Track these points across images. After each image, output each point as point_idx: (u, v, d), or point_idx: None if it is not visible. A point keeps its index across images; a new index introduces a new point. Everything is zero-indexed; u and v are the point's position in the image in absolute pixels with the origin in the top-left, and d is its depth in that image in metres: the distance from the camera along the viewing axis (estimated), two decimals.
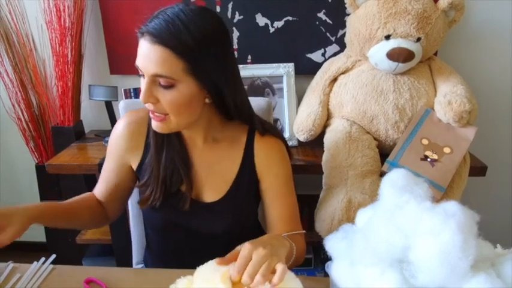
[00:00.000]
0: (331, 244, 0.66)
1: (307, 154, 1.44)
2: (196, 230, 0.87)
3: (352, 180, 1.24)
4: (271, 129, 0.92)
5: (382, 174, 1.28)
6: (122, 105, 1.14)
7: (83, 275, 0.80)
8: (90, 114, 1.76)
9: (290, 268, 0.66)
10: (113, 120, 1.69)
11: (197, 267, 0.71)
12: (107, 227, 1.57)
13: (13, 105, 1.68)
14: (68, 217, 0.85)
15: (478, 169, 1.35)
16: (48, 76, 1.68)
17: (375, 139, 1.33)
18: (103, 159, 1.39)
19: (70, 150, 1.54)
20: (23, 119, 1.70)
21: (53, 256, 0.85)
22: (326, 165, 1.30)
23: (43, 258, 0.84)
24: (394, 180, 0.60)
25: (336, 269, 0.63)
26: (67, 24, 1.52)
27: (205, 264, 0.70)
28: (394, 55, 1.26)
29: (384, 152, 1.32)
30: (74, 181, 1.70)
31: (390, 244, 0.52)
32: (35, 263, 0.84)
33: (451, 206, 0.52)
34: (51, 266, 0.84)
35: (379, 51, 1.29)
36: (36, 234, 1.94)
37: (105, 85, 1.62)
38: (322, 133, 1.40)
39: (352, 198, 1.21)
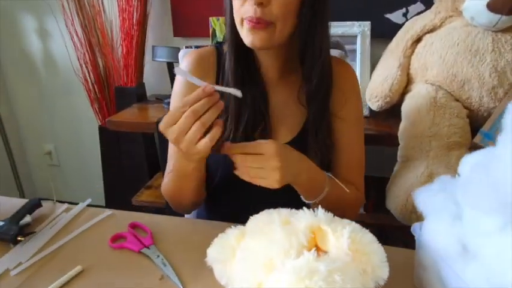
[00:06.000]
0: (424, 198, 0.52)
1: (379, 125, 1.28)
2: None
3: (435, 152, 1.07)
4: None
5: (472, 147, 1.09)
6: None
7: (129, 219, 0.74)
8: (152, 78, 1.75)
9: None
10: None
11: (250, 217, 0.61)
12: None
13: (81, 66, 1.71)
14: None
15: None
16: (115, 37, 1.68)
17: (465, 107, 1.14)
18: (161, 118, 1.36)
19: (131, 110, 1.54)
20: (89, 80, 1.72)
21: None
22: (404, 135, 1.13)
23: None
24: None
25: (430, 227, 0.49)
26: None
27: (259, 213, 0.60)
28: (497, 5, 1.05)
29: (475, 123, 1.13)
30: (133, 143, 1.70)
31: None
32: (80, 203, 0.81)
33: None
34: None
35: (477, 2, 1.09)
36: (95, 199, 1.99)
37: (169, 46, 1.59)
38: (397, 104, 1.23)
39: (433, 173, 1.04)
